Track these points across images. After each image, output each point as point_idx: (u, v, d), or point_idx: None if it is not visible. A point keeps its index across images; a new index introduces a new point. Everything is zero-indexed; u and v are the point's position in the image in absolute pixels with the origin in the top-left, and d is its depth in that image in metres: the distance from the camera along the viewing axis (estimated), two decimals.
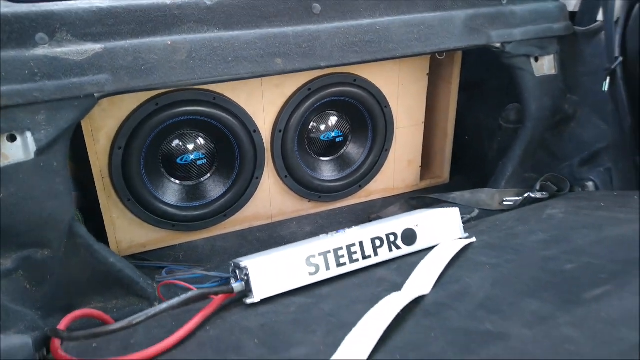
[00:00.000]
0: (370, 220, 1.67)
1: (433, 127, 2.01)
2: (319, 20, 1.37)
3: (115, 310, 1.24)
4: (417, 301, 0.95)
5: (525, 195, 1.62)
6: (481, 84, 2.02)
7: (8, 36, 1.08)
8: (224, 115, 1.54)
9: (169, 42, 1.21)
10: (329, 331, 0.92)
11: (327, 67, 1.39)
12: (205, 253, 1.64)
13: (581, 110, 1.73)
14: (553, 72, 1.70)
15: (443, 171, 2.06)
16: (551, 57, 1.69)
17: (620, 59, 1.49)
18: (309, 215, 1.84)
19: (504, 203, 1.65)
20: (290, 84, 1.63)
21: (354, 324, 0.91)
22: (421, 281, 1.05)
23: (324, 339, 0.89)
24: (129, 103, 1.44)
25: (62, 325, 1.03)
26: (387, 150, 1.87)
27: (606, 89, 1.54)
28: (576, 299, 0.86)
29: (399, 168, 1.94)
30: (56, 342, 0.97)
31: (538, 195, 1.61)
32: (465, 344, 0.77)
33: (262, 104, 1.61)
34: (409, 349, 0.78)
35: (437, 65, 1.88)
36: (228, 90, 1.54)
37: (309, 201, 1.83)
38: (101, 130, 1.45)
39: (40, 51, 1.10)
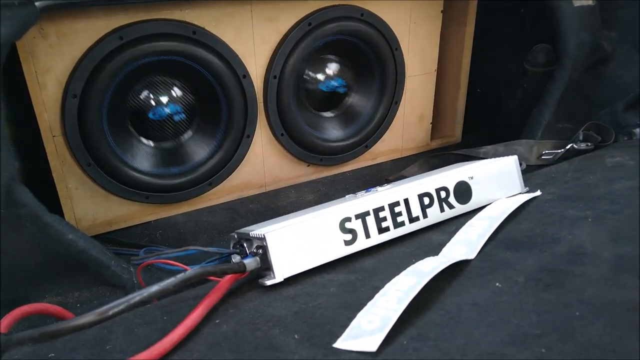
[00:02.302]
0: (389, 182, 1.40)
1: (443, 78, 1.74)
2: None
3: (79, 305, 0.92)
4: (515, 268, 0.68)
5: (569, 146, 1.37)
6: (497, 28, 1.76)
7: None
8: (207, 54, 1.23)
9: None
10: (402, 319, 0.63)
11: None
12: (188, 230, 1.33)
13: (621, 48, 1.50)
14: (590, 2, 1.46)
15: (454, 129, 1.80)
16: None
17: None
18: (309, 181, 1.55)
19: (543, 157, 1.40)
20: (287, 18, 1.32)
21: (434, 306, 0.63)
22: (466, 242, 0.79)
23: (401, 329, 0.60)
24: (85, 36, 1.11)
25: (2, 326, 0.71)
26: (397, 103, 1.59)
27: None
28: None
29: (409, 125, 1.67)
30: None
31: (582, 146, 1.37)
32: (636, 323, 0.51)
33: (253, 42, 1.30)
34: (554, 338, 0.50)
35: (449, 5, 1.61)
36: (210, 24, 1.23)
37: (309, 165, 1.53)
38: (49, 72, 1.11)
39: None
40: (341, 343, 0.58)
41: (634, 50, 1.47)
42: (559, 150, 1.38)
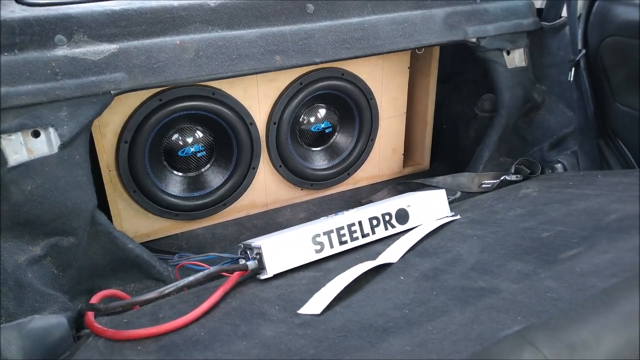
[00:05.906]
0: (362, 204, 1.79)
1: (414, 117, 2.15)
2: (312, 20, 1.48)
3: (134, 293, 1.33)
4: (417, 268, 1.08)
5: (502, 178, 1.76)
6: (456, 76, 2.16)
7: (30, 38, 1.15)
8: (223, 109, 1.64)
9: (178, 42, 1.31)
10: (340, 297, 1.03)
11: (322, 62, 1.51)
12: (206, 240, 1.74)
13: (549, 98, 1.89)
14: (523, 64, 1.85)
15: (423, 159, 2.20)
16: (521, 50, 1.84)
17: (583, 51, 1.64)
18: (301, 202, 1.96)
19: (483, 185, 1.79)
20: (284, 79, 1.73)
21: (360, 290, 1.03)
22: (394, 251, 1.19)
23: (337, 303, 1.00)
24: (134, 99, 1.52)
25: (94, 302, 1.12)
26: (373, 140, 1.99)
27: (571, 79, 1.70)
28: (553, 259, 1.00)
29: (384, 156, 2.07)
30: (90, 316, 1.06)
31: (513, 177, 1.75)
32: (464, 297, 0.91)
33: (258, 98, 1.71)
34: (415, 305, 0.91)
35: (416, 60, 2.01)
36: (226, 86, 1.64)
37: (302, 189, 1.94)
38: (108, 125, 1.52)
39: (60, 52, 1.18)
40: (302, 310, 0.99)
41: (558, 100, 1.86)
42: (495, 181, 1.78)
